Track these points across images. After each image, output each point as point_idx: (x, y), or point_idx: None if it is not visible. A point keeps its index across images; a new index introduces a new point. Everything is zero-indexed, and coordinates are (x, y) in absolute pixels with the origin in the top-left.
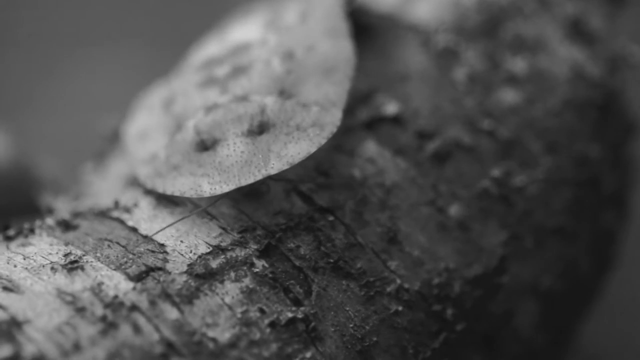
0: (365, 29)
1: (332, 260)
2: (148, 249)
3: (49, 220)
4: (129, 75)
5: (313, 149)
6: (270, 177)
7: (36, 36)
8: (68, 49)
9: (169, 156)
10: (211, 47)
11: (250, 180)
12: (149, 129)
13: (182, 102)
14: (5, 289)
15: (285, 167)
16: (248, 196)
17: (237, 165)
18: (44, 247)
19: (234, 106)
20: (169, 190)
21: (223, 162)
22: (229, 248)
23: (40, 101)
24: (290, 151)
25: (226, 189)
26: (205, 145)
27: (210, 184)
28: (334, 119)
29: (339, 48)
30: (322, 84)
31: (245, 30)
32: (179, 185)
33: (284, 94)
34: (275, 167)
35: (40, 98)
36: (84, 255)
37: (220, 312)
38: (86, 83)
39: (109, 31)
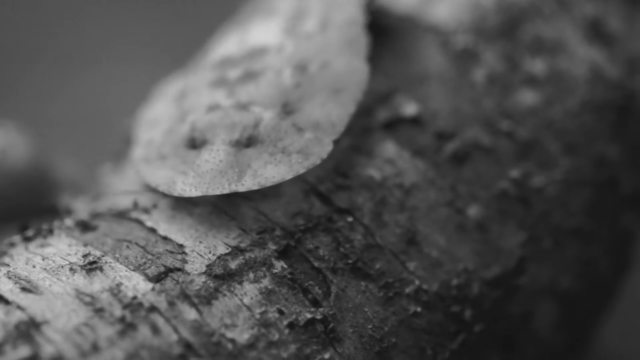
0: (385, 30)
1: (351, 261)
2: (167, 250)
3: (68, 221)
4: (149, 76)
5: (289, 176)
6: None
7: (55, 36)
8: (87, 50)
9: (161, 144)
10: (230, 45)
11: (217, 192)
12: (159, 118)
13: (192, 99)
14: (24, 289)
15: (255, 187)
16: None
17: (211, 173)
18: (62, 247)
19: (232, 112)
20: (147, 179)
21: (201, 165)
22: (248, 249)
23: (59, 102)
24: (266, 172)
25: (193, 194)
26: (195, 143)
27: (183, 184)
28: (321, 151)
29: (353, 69)
30: (327, 103)
31: (265, 31)
32: (157, 177)
33: (287, 107)
34: (246, 185)
35: (59, 99)
36: (102, 256)
37: (239, 313)
38: (105, 84)
39: (130, 32)
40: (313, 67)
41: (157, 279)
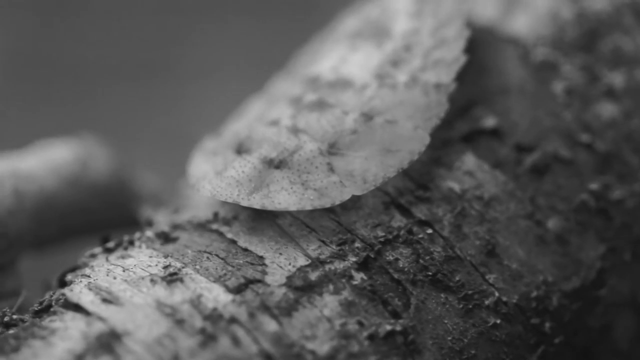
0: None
1: (430, 273)
2: (247, 261)
3: (149, 233)
4: (233, 92)
5: (294, 208)
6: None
7: (134, 48)
8: (166, 64)
9: (223, 141)
10: (329, 63)
11: (222, 199)
12: (247, 115)
13: (273, 107)
14: (105, 300)
15: (257, 207)
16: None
17: (229, 180)
18: (143, 259)
19: (284, 133)
20: (190, 168)
21: (227, 171)
22: (328, 260)
23: (140, 115)
24: (277, 197)
25: (206, 193)
26: (241, 149)
27: (208, 182)
28: (337, 197)
29: (415, 136)
30: (372, 160)
31: (362, 63)
32: (197, 170)
33: (333, 147)
34: (252, 201)
35: (140, 112)
36: (183, 268)
37: (319, 325)
38: (183, 96)
39: (217, 48)
40: (378, 120)
41: (238, 290)
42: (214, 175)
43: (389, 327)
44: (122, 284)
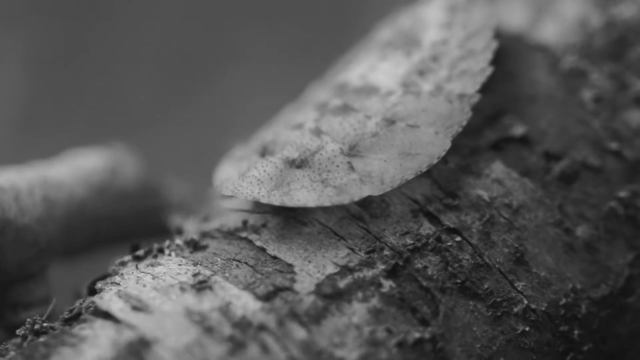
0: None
1: (459, 281)
2: (276, 269)
3: (178, 241)
4: (256, 99)
5: (313, 204)
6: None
7: (164, 58)
8: (196, 73)
9: (249, 147)
10: (357, 71)
11: (241, 197)
12: (277, 122)
13: (300, 112)
14: (135, 308)
15: (277, 203)
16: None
17: (250, 179)
18: (172, 267)
19: (306, 135)
20: (216, 174)
21: (250, 171)
22: (357, 268)
23: (169, 124)
24: (297, 195)
25: (228, 192)
26: (264, 152)
27: (230, 184)
28: (355, 194)
29: (435, 141)
30: (390, 162)
31: (390, 71)
32: (223, 174)
33: (353, 149)
34: (272, 198)
35: (170, 121)
36: (212, 275)
37: (347, 332)
38: (214, 105)
39: (240, 53)
40: (400, 125)
41: (266, 298)
42: (237, 177)
43: (417, 335)
44: (151, 291)
